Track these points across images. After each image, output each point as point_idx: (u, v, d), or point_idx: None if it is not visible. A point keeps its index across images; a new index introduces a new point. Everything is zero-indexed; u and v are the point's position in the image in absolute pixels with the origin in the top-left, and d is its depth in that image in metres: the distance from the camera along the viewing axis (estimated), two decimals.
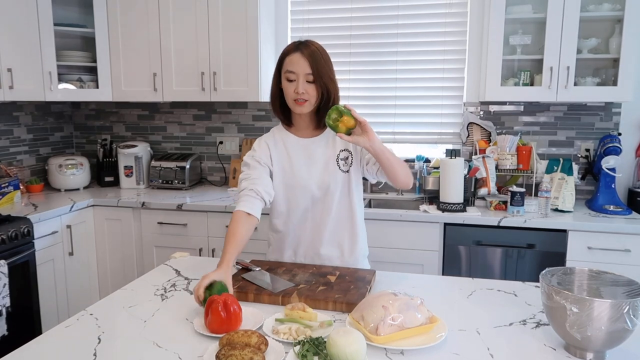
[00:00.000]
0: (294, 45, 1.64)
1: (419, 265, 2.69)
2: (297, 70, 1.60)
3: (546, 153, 3.05)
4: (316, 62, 1.60)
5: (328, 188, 1.72)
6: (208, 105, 3.53)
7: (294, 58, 1.61)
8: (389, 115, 3.26)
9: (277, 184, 1.74)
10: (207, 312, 1.25)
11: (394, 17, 3.17)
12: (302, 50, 1.61)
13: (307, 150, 1.74)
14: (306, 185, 1.73)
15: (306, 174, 1.73)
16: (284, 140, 1.76)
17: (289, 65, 1.62)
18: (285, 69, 1.63)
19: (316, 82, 1.61)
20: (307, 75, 1.60)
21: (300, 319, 1.29)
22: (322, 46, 1.66)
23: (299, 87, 1.60)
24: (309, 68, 1.59)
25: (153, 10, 3.12)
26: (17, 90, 2.82)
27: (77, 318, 1.37)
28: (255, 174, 1.69)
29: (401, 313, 1.22)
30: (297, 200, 1.75)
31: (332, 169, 1.72)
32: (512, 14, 2.76)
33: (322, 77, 1.61)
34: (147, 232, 3.02)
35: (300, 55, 1.60)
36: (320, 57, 1.61)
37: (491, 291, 1.57)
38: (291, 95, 1.63)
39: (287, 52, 1.64)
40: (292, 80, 1.62)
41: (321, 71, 1.60)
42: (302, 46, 1.62)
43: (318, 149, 1.74)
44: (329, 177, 1.72)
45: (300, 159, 1.73)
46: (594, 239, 2.48)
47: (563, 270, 1.26)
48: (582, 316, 1.07)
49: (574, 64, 2.67)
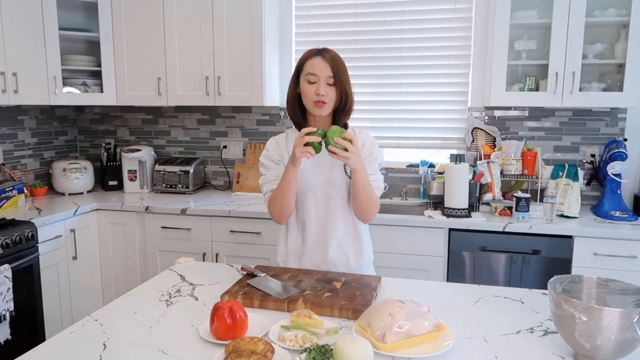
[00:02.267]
0: (315, 50, 1.71)
1: (424, 270, 2.68)
2: (318, 73, 1.65)
3: (551, 158, 3.04)
4: (336, 66, 1.66)
5: (332, 192, 1.74)
6: (212, 110, 3.54)
7: (316, 62, 1.66)
8: (393, 120, 3.26)
9: None
10: (212, 318, 1.24)
11: (399, 22, 3.17)
12: (323, 55, 1.67)
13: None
14: (311, 188, 1.75)
15: (312, 176, 1.75)
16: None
17: (310, 68, 1.67)
18: (306, 72, 1.68)
19: (336, 84, 1.66)
20: (328, 77, 1.65)
21: (307, 325, 1.28)
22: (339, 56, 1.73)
23: (320, 88, 1.65)
24: (330, 71, 1.65)
25: (158, 14, 3.13)
26: (22, 94, 2.83)
27: (81, 324, 1.36)
28: (272, 175, 1.77)
29: (408, 320, 1.21)
30: (302, 202, 1.77)
31: (338, 174, 1.74)
32: (517, 19, 2.76)
33: (341, 80, 1.67)
34: (150, 237, 3.01)
35: (322, 59, 1.66)
36: (340, 62, 1.68)
37: (498, 298, 1.56)
38: (311, 97, 1.67)
39: (308, 57, 1.70)
40: (313, 83, 1.66)
41: (341, 75, 1.67)
42: (323, 52, 1.69)
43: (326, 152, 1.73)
44: (334, 181, 1.74)
45: (308, 161, 1.74)
46: (600, 245, 2.47)
47: (571, 278, 1.25)
48: (592, 325, 1.06)
49: (580, 69, 2.66)
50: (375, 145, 1.81)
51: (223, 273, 1.78)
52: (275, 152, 1.80)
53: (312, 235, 1.78)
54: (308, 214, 1.77)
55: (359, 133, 1.80)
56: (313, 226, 1.78)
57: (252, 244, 2.86)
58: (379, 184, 1.79)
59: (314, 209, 1.77)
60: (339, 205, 1.76)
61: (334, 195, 1.75)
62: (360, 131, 1.81)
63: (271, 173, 1.78)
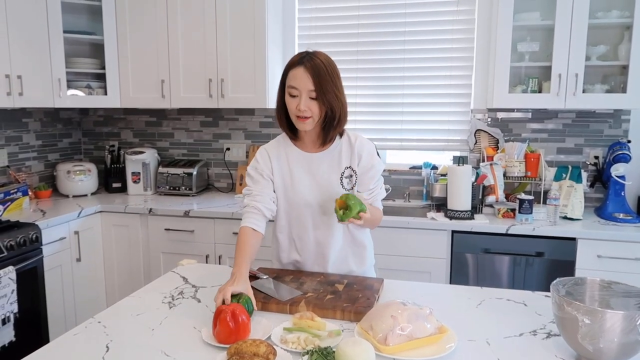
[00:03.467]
0: (298, 57, 1.55)
1: (427, 273, 2.68)
2: (299, 86, 1.51)
3: (554, 160, 3.03)
4: (320, 78, 1.50)
5: (330, 208, 1.63)
6: (215, 112, 3.54)
7: (297, 73, 1.52)
8: (396, 122, 3.26)
9: (279, 197, 1.70)
10: (215, 322, 1.24)
11: (402, 23, 3.17)
12: (305, 65, 1.51)
13: (310, 166, 1.67)
14: (307, 202, 1.67)
15: (307, 189, 1.67)
16: (287, 152, 1.70)
17: (292, 80, 1.53)
18: (288, 84, 1.55)
19: (319, 99, 1.52)
20: (310, 91, 1.51)
21: (309, 328, 1.29)
22: (328, 59, 1.57)
23: (301, 103, 1.52)
24: (312, 84, 1.50)
25: (161, 17, 3.14)
26: (27, 97, 2.85)
27: (85, 326, 1.37)
28: (257, 189, 1.66)
29: (410, 323, 1.21)
30: (299, 217, 1.70)
31: (335, 187, 1.65)
32: (520, 20, 2.76)
33: (325, 95, 1.51)
34: (154, 239, 3.02)
35: (304, 70, 1.50)
36: (325, 73, 1.51)
37: (500, 300, 1.56)
38: (293, 111, 1.55)
39: (290, 65, 1.55)
40: (295, 96, 1.54)
41: (325, 88, 1.51)
42: (306, 60, 1.52)
43: (322, 165, 1.67)
44: (331, 195, 1.63)
45: (302, 173, 1.68)
46: (603, 247, 2.46)
47: (574, 280, 1.24)
48: (594, 328, 1.06)
49: (583, 71, 2.65)
50: (373, 154, 1.70)
51: (226, 275, 1.77)
52: (265, 166, 1.68)
53: (310, 251, 1.72)
54: (304, 230, 1.70)
55: (355, 139, 1.68)
56: (310, 242, 1.71)
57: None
58: (381, 196, 1.73)
59: (311, 225, 1.69)
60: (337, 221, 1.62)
61: (332, 210, 1.61)
62: (356, 137, 1.69)
63: (256, 187, 1.67)
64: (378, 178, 1.72)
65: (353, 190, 1.68)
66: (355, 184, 1.68)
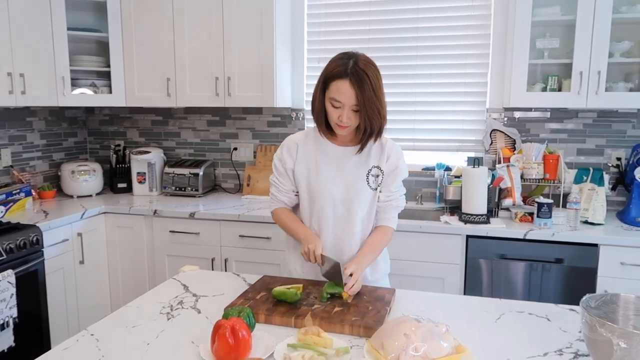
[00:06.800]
0: (344, 67, 1.50)
1: (440, 279, 2.57)
2: (343, 101, 1.51)
3: (574, 162, 2.91)
4: (364, 95, 1.49)
5: (352, 203, 1.65)
6: (222, 111, 3.46)
7: (342, 87, 1.50)
8: (408, 121, 3.15)
9: (302, 186, 1.70)
10: (213, 338, 1.15)
11: (414, 20, 3.06)
12: (351, 79, 1.48)
13: (337, 159, 1.67)
14: (329, 195, 1.65)
15: (331, 182, 1.65)
16: (317, 142, 1.69)
17: (335, 93, 1.51)
18: (330, 95, 1.53)
19: (361, 112, 1.53)
20: (352, 106, 1.52)
21: (315, 344, 1.19)
22: (375, 71, 1.53)
23: (344, 116, 1.53)
24: (355, 100, 1.50)
25: (167, 14, 3.06)
26: (29, 96, 2.78)
27: (76, 339, 1.29)
28: (281, 181, 1.73)
29: (425, 342, 1.11)
30: (319, 213, 1.67)
31: (361, 184, 1.65)
32: (538, 16, 2.64)
33: (367, 111, 1.52)
34: (159, 241, 2.95)
35: (350, 86, 1.49)
36: (370, 89, 1.49)
37: (521, 314, 1.45)
38: (334, 119, 1.57)
39: (336, 75, 1.51)
40: (337, 107, 1.54)
41: (369, 106, 1.51)
42: (352, 73, 1.49)
43: (349, 160, 1.66)
44: (355, 191, 1.65)
45: (328, 165, 1.66)
46: (627, 254, 2.34)
47: (605, 296, 1.14)
48: (632, 352, 0.95)
49: (605, 68, 2.53)
50: (401, 158, 1.70)
51: (228, 283, 1.70)
52: (288, 157, 1.70)
53: (327, 247, 1.68)
54: (325, 225, 1.68)
55: (386, 141, 1.70)
56: (329, 238, 1.69)
57: (261, 249, 2.77)
58: (400, 203, 1.72)
59: (331, 221, 1.68)
60: (358, 217, 1.67)
61: (355, 208, 1.65)
62: (387, 139, 1.70)
63: (280, 179, 1.73)
64: (399, 183, 1.72)
65: (377, 190, 1.67)
66: (380, 185, 1.67)
